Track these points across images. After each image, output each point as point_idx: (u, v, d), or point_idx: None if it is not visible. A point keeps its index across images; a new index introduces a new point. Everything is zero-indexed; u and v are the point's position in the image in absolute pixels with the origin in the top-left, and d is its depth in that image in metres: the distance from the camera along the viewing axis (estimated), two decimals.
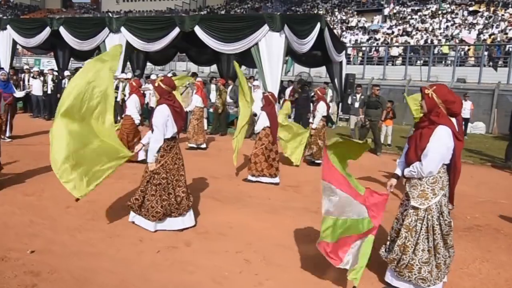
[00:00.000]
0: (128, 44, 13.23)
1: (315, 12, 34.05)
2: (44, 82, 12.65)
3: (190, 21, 12.21)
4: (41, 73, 13.69)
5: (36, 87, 13.02)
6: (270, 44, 11.18)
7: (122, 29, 13.19)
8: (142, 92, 8.42)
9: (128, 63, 15.04)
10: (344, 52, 16.61)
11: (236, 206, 5.53)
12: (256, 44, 11.33)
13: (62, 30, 14.08)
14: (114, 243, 4.14)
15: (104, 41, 13.56)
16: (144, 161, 7.38)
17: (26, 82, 14.10)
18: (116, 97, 10.69)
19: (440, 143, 3.18)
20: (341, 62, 16.11)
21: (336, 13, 32.92)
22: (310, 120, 8.74)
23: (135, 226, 4.50)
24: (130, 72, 15.23)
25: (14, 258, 3.66)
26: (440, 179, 3.27)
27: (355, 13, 32.38)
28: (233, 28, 11.58)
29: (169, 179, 4.30)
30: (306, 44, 12.13)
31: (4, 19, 15.76)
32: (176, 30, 12.37)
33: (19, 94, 10.01)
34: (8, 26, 15.06)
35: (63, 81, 12.92)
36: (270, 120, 6.51)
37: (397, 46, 21.58)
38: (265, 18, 11.16)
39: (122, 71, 13.44)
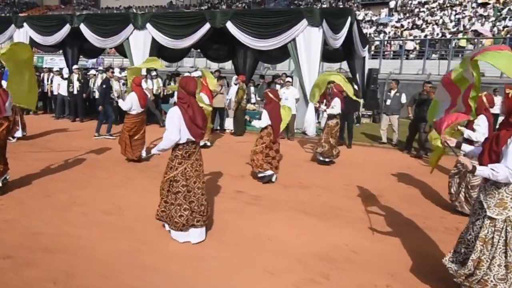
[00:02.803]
0: (153, 42, 12.91)
1: (319, 6, 33.80)
2: (70, 82, 12.21)
3: (222, 16, 11.90)
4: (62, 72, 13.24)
5: (63, 87, 12.58)
6: (309, 40, 10.95)
7: (148, 25, 12.84)
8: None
9: None
10: (367, 47, 16.46)
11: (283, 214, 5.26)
12: (293, 39, 11.09)
13: (83, 27, 13.68)
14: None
15: (128, 38, 13.19)
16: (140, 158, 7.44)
17: (45, 82, 13.64)
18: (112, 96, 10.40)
19: None
20: (364, 57, 15.96)
21: (341, 7, 32.62)
22: (325, 115, 8.46)
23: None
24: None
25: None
26: None
27: (360, 6, 32.17)
28: (269, 24, 11.30)
29: (189, 187, 4.06)
30: (339, 39, 11.91)
31: (21, 17, 15.25)
32: (206, 26, 12.06)
33: None
34: (24, 24, 14.63)
35: (90, 80, 12.50)
36: (271, 118, 6.26)
37: (412, 40, 21.41)
38: (304, 12, 10.92)
39: (149, 70, 13.07)
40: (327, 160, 8.08)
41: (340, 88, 8.48)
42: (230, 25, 11.76)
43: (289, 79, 11.49)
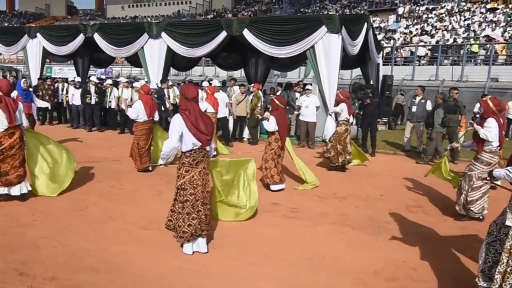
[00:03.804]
0: (168, 50, 12.80)
1: (326, 12, 33.83)
2: (87, 93, 12.10)
3: (239, 24, 11.76)
4: (81, 83, 13.13)
5: (77, 97, 12.47)
6: (328, 47, 10.79)
7: (163, 34, 12.72)
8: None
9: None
10: (381, 53, 16.32)
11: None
12: (312, 46, 10.94)
13: (96, 36, 13.58)
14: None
15: (142, 47, 13.09)
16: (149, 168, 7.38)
17: (60, 92, 13.54)
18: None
19: None
20: (378, 64, 15.80)
21: (353, 13, 32.63)
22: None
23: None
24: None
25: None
26: None
27: (367, 12, 32.13)
28: (287, 31, 11.15)
29: (197, 195, 3.97)
30: (357, 46, 11.76)
31: (34, 27, 15.19)
32: (223, 34, 11.92)
33: (40, 104, 9.62)
34: (38, 34, 14.54)
35: (107, 90, 12.38)
36: (279, 124, 6.26)
37: (424, 46, 21.28)
38: (323, 19, 10.76)
39: (165, 79, 12.97)
40: (332, 166, 7.97)
41: (346, 94, 8.50)
42: (247, 33, 11.62)
43: (310, 86, 11.32)
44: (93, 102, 12.03)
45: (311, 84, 11.90)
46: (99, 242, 4.21)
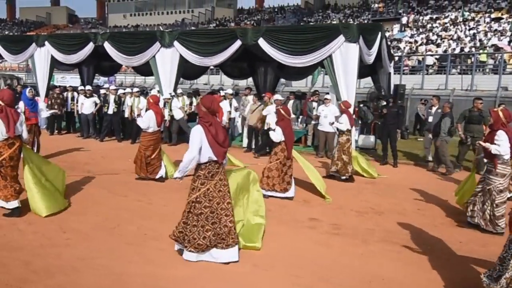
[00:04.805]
0: (181, 59, 12.61)
1: (329, 22, 33.93)
2: (105, 102, 11.87)
3: (254, 33, 11.59)
4: (93, 92, 12.88)
5: (87, 106, 12.22)
6: (346, 56, 10.61)
7: (175, 43, 12.52)
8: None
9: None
10: (393, 62, 16.22)
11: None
12: (330, 56, 10.76)
13: (107, 45, 13.38)
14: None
15: (154, 56, 12.88)
16: (161, 179, 7.25)
17: (69, 101, 13.29)
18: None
19: None
20: (389, 73, 15.68)
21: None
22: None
23: None
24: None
25: None
26: None
27: (371, 22, 32.22)
28: (304, 40, 10.97)
29: (213, 208, 3.94)
30: (372, 55, 11.63)
31: (42, 35, 14.96)
32: (237, 43, 11.74)
33: (45, 114, 9.55)
34: (46, 43, 14.30)
35: (122, 99, 12.16)
36: (285, 135, 6.27)
37: (432, 55, 21.24)
38: (341, 28, 10.60)
39: (176, 88, 12.79)
40: (342, 178, 7.84)
41: (348, 105, 8.46)
42: (262, 42, 11.44)
43: (328, 96, 11.12)
44: (110, 111, 11.78)
45: (327, 93, 11.72)
46: (142, 264, 3.93)
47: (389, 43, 26.89)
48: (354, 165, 8.15)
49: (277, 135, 6.26)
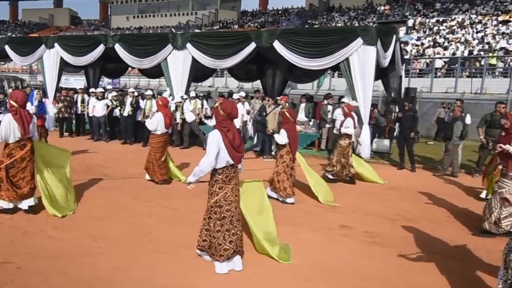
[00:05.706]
0: (193, 61, 12.48)
1: (333, 24, 33.84)
2: (122, 104, 11.76)
3: (269, 35, 11.48)
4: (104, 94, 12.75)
5: (98, 109, 12.10)
6: (363, 59, 10.51)
7: (188, 45, 12.41)
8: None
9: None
10: (404, 65, 16.10)
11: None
12: (347, 58, 10.64)
13: (117, 47, 13.27)
14: None
15: (166, 58, 12.77)
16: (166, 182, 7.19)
17: (79, 103, 13.14)
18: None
19: None
20: (400, 76, 15.57)
21: (356, 25, 32.64)
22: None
23: None
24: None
25: None
26: None
27: (377, 24, 32.13)
28: (320, 43, 10.87)
29: (232, 212, 3.92)
30: (387, 58, 11.55)
31: (51, 37, 14.85)
32: (252, 46, 11.62)
33: (52, 112, 9.61)
34: (55, 44, 14.18)
35: (140, 101, 12.04)
36: (290, 137, 6.30)
37: (441, 58, 21.14)
38: (359, 31, 10.49)
39: (187, 91, 12.67)
40: (333, 178, 7.89)
41: (352, 108, 8.39)
42: (277, 44, 11.33)
43: (345, 99, 10.98)
44: (126, 113, 11.67)
45: (343, 97, 11.58)
46: (183, 275, 3.78)
47: (402, 45, 26.90)
48: (357, 170, 8.08)
49: (282, 138, 6.29)
